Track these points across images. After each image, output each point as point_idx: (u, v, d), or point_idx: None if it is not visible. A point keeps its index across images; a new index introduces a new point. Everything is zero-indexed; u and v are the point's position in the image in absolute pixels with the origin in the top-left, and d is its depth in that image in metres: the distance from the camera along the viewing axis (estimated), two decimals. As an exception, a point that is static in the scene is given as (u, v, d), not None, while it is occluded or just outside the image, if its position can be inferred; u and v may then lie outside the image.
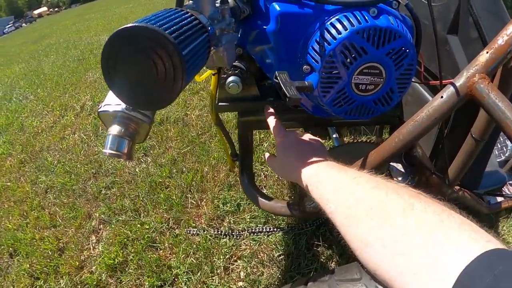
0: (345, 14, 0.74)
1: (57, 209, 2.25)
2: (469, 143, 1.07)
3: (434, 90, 1.25)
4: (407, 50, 0.77)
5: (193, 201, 1.97)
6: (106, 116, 0.75)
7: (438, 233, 0.41)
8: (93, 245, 1.91)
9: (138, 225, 1.90)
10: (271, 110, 0.92)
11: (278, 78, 0.69)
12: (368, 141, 2.06)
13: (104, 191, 2.27)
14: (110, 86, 0.46)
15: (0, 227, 2.29)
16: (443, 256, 0.38)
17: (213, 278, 1.57)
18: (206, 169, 2.17)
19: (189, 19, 0.53)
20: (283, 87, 0.67)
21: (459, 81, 0.80)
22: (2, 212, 2.42)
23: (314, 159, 0.72)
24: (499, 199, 1.56)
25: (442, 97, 0.83)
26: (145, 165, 2.39)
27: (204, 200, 1.97)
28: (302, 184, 0.70)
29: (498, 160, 1.68)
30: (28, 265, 1.89)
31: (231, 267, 1.61)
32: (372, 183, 0.56)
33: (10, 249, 2.08)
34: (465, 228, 0.41)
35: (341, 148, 1.38)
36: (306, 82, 0.76)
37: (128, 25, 0.41)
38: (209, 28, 0.59)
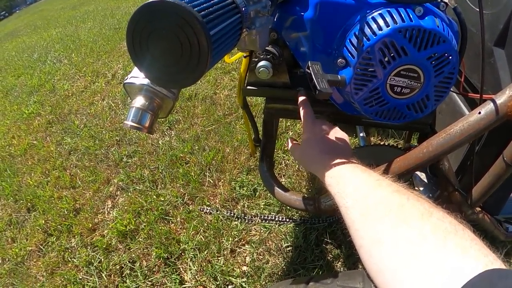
0: (388, 9, 0.70)
1: (78, 171, 2.31)
2: (499, 166, 0.99)
3: (472, 104, 1.19)
4: (450, 57, 0.72)
5: (210, 180, 1.98)
6: (132, 88, 0.75)
7: (451, 241, 0.41)
8: (108, 210, 1.96)
9: (154, 196, 1.92)
10: (304, 97, 0.90)
11: (311, 69, 0.66)
12: (395, 145, 2.02)
13: (126, 159, 2.30)
14: (133, 60, 0.45)
15: (21, 183, 2.37)
16: (451, 265, 0.38)
17: (219, 258, 1.58)
18: (228, 150, 2.18)
19: None
20: (314, 79, 0.64)
21: (500, 98, 0.76)
22: (25, 169, 2.50)
23: (339, 156, 0.71)
24: None
25: (479, 113, 0.78)
26: (168, 139, 2.41)
27: (222, 180, 1.97)
28: (322, 176, 0.69)
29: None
30: (43, 221, 1.96)
31: (238, 250, 1.62)
32: (394, 187, 0.56)
33: (29, 204, 2.15)
34: (476, 243, 0.41)
35: (366, 148, 1.36)
36: (339, 77, 0.72)
37: None
38: (243, 9, 0.56)
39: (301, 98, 0.89)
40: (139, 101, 0.74)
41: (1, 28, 12.93)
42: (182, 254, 1.63)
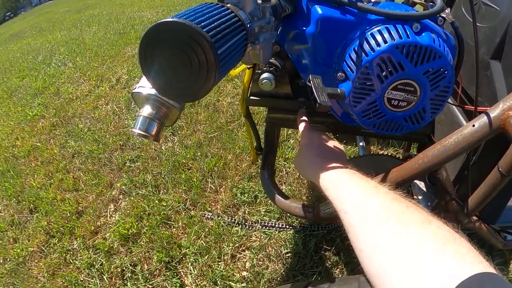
0: (387, 26, 0.73)
1: (81, 174, 2.33)
2: (494, 176, 0.99)
3: (470, 115, 1.19)
4: (446, 72, 0.75)
5: (212, 186, 2.00)
6: (139, 97, 0.78)
7: (450, 248, 0.43)
8: (110, 213, 1.98)
9: (156, 201, 1.95)
10: (304, 114, 0.94)
11: (311, 82, 0.69)
12: (394, 154, 2.04)
13: (129, 163, 2.33)
14: (145, 73, 0.48)
15: (25, 184, 2.39)
16: (449, 270, 0.40)
17: (219, 263, 1.60)
18: (230, 157, 2.20)
19: (228, 16, 0.53)
20: (315, 92, 0.66)
21: (494, 112, 0.77)
22: (29, 170, 2.52)
23: (336, 161, 0.73)
24: None
25: (474, 126, 0.80)
26: (171, 144, 2.44)
27: (224, 187, 2.00)
28: (319, 181, 0.71)
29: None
30: (45, 223, 1.98)
31: (238, 256, 1.64)
32: (392, 195, 0.57)
33: (31, 205, 2.17)
34: (472, 250, 0.43)
35: (364, 158, 1.38)
36: (338, 90, 0.75)
37: (168, 19, 0.43)
38: (248, 25, 0.59)
39: (301, 114, 0.94)
40: (146, 110, 0.77)
41: (6, 29, 12.98)
42: (183, 258, 1.65)
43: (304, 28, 0.80)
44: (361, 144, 1.80)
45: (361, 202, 0.58)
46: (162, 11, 6.85)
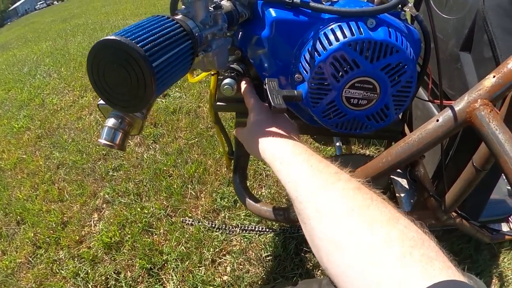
0: (340, 24, 0.71)
1: (66, 184, 2.35)
2: (469, 171, 0.98)
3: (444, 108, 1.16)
4: (406, 66, 0.72)
5: (192, 192, 2.03)
6: (104, 109, 0.81)
7: (418, 251, 0.39)
8: (94, 222, 2.01)
9: (138, 209, 1.98)
10: (249, 84, 0.86)
11: (266, 86, 0.68)
12: (374, 153, 2.06)
13: (112, 172, 2.36)
14: (93, 86, 0.50)
15: (11, 196, 2.40)
16: (415, 276, 0.37)
17: (200, 268, 1.64)
18: (210, 163, 2.24)
19: (171, 27, 0.54)
20: (269, 95, 0.66)
21: (459, 105, 0.75)
22: (15, 183, 2.53)
23: (291, 137, 0.65)
24: (505, 229, 1.45)
25: (437, 120, 0.78)
26: (153, 152, 2.48)
27: (204, 192, 2.04)
28: (267, 159, 0.64)
29: (508, 188, 1.54)
30: (32, 234, 2.00)
31: (218, 260, 1.67)
32: (354, 183, 0.51)
33: (18, 217, 2.19)
34: (440, 254, 0.40)
35: (337, 158, 1.39)
36: (295, 92, 0.73)
37: (107, 37, 0.45)
38: (197, 34, 0.60)
39: (244, 86, 0.86)
40: (111, 121, 0.79)
41: (-8, 41, 12.93)
42: (165, 264, 1.68)
43: (260, 32, 0.80)
44: (337, 144, 1.78)
45: (319, 190, 0.51)
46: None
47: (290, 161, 0.59)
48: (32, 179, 2.52)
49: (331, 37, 0.70)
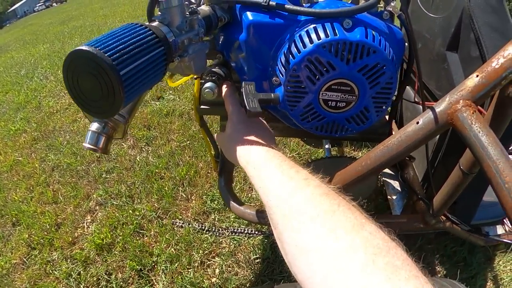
0: (315, 25, 0.70)
1: (60, 187, 2.39)
2: (456, 175, 0.96)
3: None
4: (384, 67, 0.70)
5: (183, 194, 2.06)
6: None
7: (382, 259, 0.39)
8: (87, 224, 2.04)
9: (130, 211, 2.01)
10: (229, 88, 0.84)
11: (243, 89, 0.68)
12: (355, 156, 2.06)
13: (105, 175, 2.39)
14: (69, 92, 0.52)
15: (7, 198, 2.44)
16: (377, 285, 0.36)
17: (189, 270, 1.66)
18: (201, 165, 2.27)
19: (143, 35, 0.55)
20: (245, 99, 0.66)
21: (440, 106, 0.72)
22: (11, 185, 2.57)
23: (266, 144, 0.66)
24: (500, 231, 1.42)
25: (417, 123, 0.75)
26: (145, 154, 2.51)
27: (194, 194, 2.06)
28: (242, 164, 0.65)
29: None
30: (27, 235, 2.03)
31: (207, 262, 1.69)
32: (323, 189, 0.51)
33: (14, 219, 2.23)
34: (408, 263, 0.39)
35: (324, 160, 1.40)
36: (272, 95, 0.73)
37: (80, 47, 0.47)
38: (171, 40, 0.60)
39: (224, 90, 0.85)
40: (94, 125, 0.84)
41: (-9, 43, 12.95)
42: (155, 266, 1.71)
43: (238, 36, 0.79)
44: (326, 146, 1.82)
45: (288, 195, 0.52)
46: (144, 21, 6.84)
47: (263, 167, 0.59)
48: (28, 181, 2.55)
49: (306, 39, 0.69)
